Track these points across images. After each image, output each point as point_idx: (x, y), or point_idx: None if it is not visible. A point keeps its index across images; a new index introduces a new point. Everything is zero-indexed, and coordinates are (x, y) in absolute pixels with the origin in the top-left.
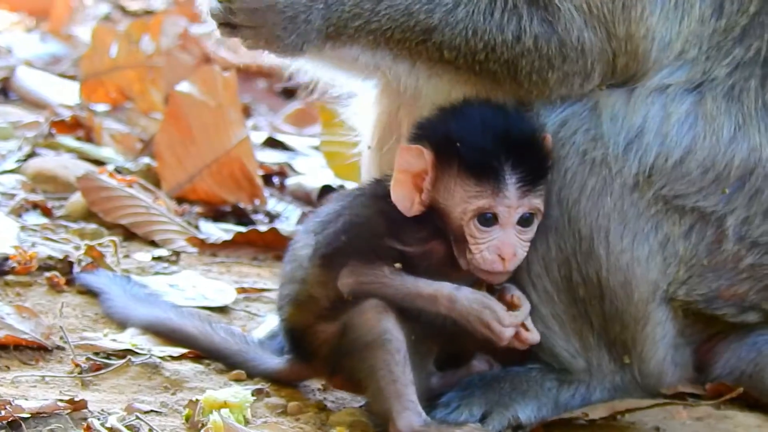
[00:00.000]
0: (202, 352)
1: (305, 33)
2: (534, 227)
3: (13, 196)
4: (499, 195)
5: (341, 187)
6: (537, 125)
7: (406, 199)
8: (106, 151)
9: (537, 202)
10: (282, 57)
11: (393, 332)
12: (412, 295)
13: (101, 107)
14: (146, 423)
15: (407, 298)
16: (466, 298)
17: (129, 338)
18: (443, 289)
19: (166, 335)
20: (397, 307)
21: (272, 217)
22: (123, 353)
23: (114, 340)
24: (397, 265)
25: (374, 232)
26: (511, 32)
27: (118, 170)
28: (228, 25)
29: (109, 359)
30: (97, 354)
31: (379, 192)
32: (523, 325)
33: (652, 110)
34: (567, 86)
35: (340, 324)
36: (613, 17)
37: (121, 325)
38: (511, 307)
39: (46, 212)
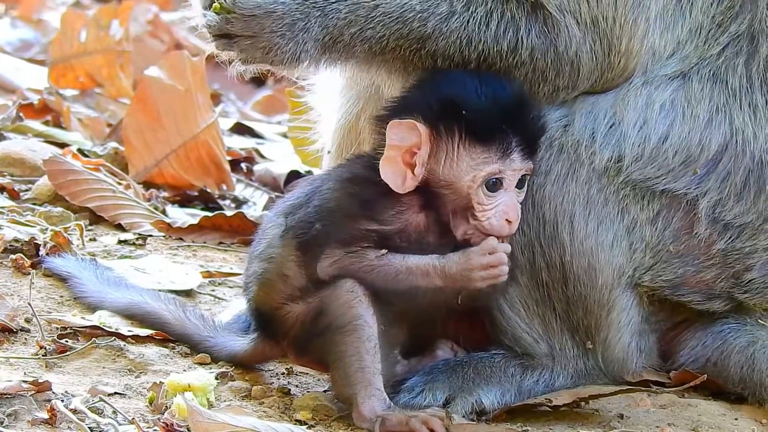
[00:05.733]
0: (173, 337)
1: (303, 42)
2: (525, 188)
3: None
4: (507, 159)
5: (308, 173)
6: (520, 86)
7: (397, 176)
8: (74, 136)
9: (532, 164)
10: (278, 68)
11: (366, 318)
12: (403, 275)
13: (70, 92)
14: (110, 405)
15: (398, 278)
16: (455, 262)
17: (98, 319)
18: (432, 261)
19: (140, 320)
20: (371, 291)
21: (239, 202)
22: (89, 334)
23: (83, 318)
24: (383, 250)
25: (348, 216)
26: (507, 43)
27: (85, 154)
28: (224, 37)
29: (74, 341)
30: (64, 329)
31: (345, 174)
32: None
33: (637, 100)
34: (554, 99)
35: (312, 304)
36: (622, 31)
37: (92, 308)
38: None
39: (13, 195)
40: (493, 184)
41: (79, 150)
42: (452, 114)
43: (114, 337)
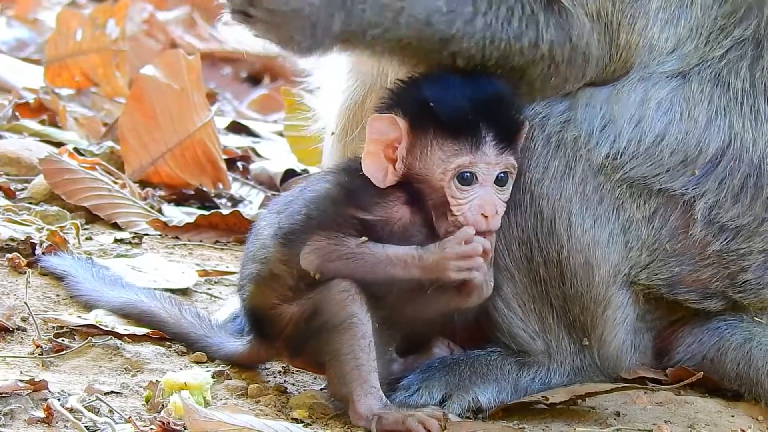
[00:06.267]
0: (170, 336)
1: (321, 38)
2: (510, 186)
3: None
4: (478, 152)
5: (304, 171)
6: (507, 85)
7: (379, 170)
8: (69, 135)
9: (512, 160)
10: (290, 54)
11: (360, 316)
12: (382, 264)
13: (66, 91)
14: (106, 404)
15: (378, 267)
16: (431, 251)
17: (94, 317)
18: (411, 251)
19: (136, 319)
20: (364, 288)
21: (235, 201)
22: (86, 333)
23: (79, 317)
24: (363, 238)
25: (334, 204)
26: (528, 39)
27: (81, 153)
28: (243, 14)
29: (71, 340)
30: (61, 328)
31: (336, 167)
32: None
33: (633, 96)
34: (560, 89)
35: (306, 305)
36: (620, 26)
37: (89, 307)
38: None
39: (9, 194)
40: (466, 178)
41: (75, 149)
42: (425, 108)
43: (110, 336)
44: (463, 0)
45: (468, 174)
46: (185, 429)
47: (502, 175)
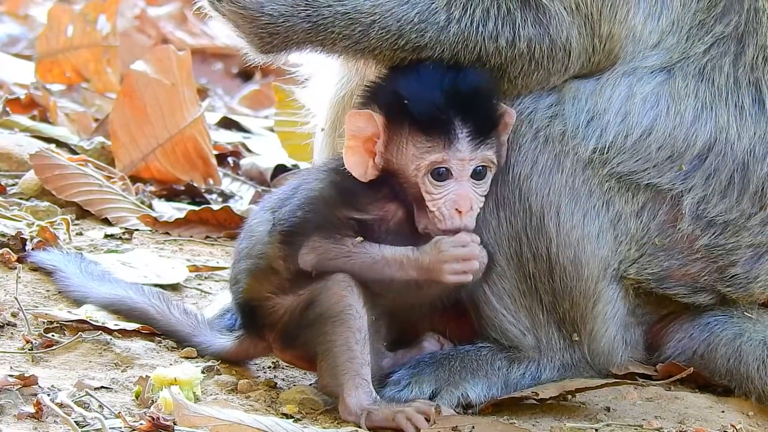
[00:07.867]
0: (158, 331)
1: (281, 44)
2: (488, 180)
3: None
4: (451, 148)
5: (295, 167)
6: (484, 78)
7: (359, 165)
8: (60, 131)
9: (489, 154)
10: (253, 52)
11: (357, 309)
12: (378, 264)
13: (56, 87)
14: (96, 399)
15: (375, 268)
16: (427, 253)
17: (84, 312)
18: (406, 252)
19: (125, 314)
20: (362, 283)
21: (226, 196)
22: (76, 328)
23: (69, 312)
24: (359, 238)
25: (329, 205)
26: (505, 39)
27: (72, 149)
28: (212, 4)
29: (61, 335)
30: (51, 323)
31: (329, 165)
32: None
33: (618, 90)
34: (544, 83)
35: (302, 297)
36: (600, 16)
37: (78, 303)
38: None
39: (0, 190)
40: (441, 174)
41: (65, 144)
42: (400, 104)
43: (100, 332)
44: (435, 8)
45: (443, 170)
46: (175, 424)
47: (480, 168)
